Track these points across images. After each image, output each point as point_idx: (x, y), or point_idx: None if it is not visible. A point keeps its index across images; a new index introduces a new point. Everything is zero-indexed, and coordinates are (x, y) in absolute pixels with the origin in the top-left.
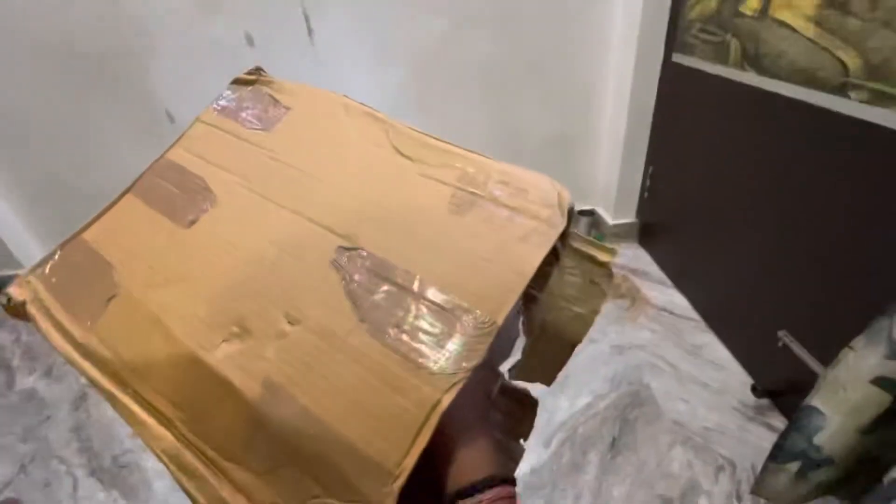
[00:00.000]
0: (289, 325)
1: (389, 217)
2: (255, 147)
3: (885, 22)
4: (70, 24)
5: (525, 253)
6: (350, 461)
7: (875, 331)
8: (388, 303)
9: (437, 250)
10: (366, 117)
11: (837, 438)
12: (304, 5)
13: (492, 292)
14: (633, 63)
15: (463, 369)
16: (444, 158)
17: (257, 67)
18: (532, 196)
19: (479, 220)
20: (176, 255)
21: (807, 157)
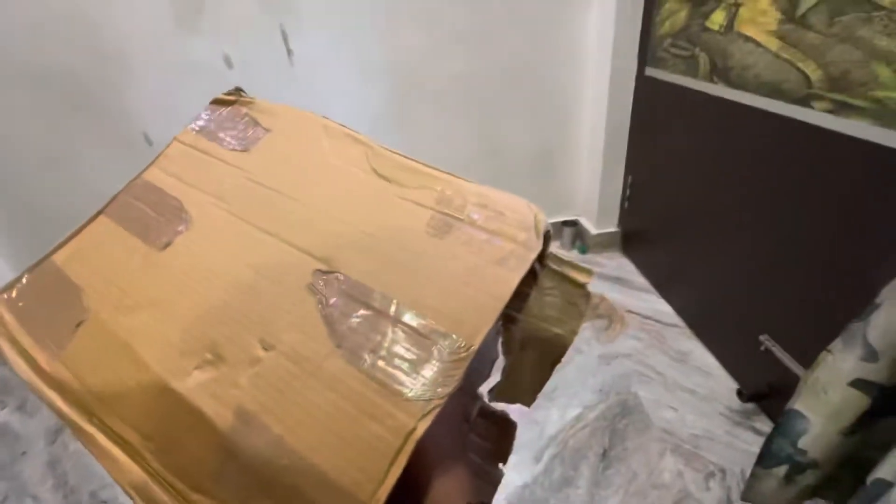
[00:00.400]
0: (263, 350)
1: (367, 240)
2: (232, 168)
3: (842, 37)
4: (45, 47)
5: (502, 276)
6: (323, 492)
7: (851, 334)
8: (365, 327)
9: (415, 274)
10: (346, 139)
11: (821, 441)
12: (282, 26)
13: (468, 316)
14: (609, 77)
15: (438, 395)
16: (423, 180)
17: (237, 88)
18: (509, 219)
19: (457, 244)
20: (149, 278)
21: (776, 166)
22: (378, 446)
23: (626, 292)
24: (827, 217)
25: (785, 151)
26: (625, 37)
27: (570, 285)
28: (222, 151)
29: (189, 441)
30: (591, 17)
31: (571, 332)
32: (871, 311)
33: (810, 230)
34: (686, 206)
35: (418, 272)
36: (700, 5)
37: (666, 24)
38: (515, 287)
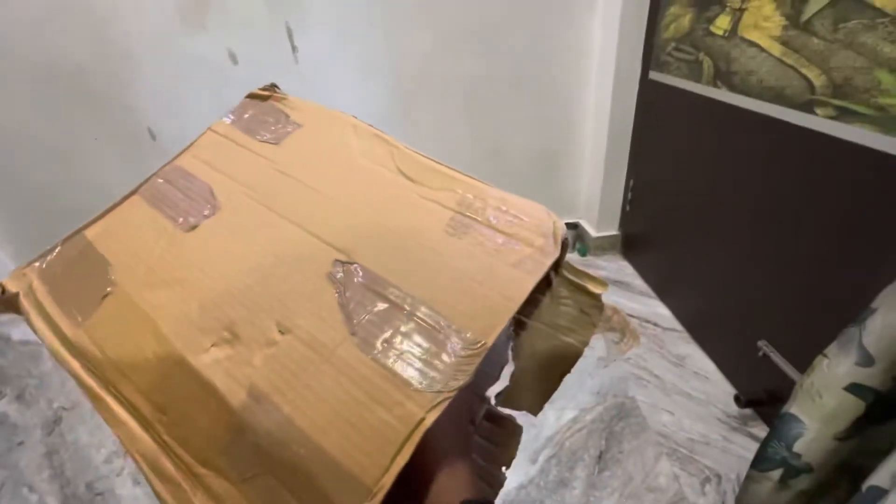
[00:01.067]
0: (279, 333)
1: (387, 235)
2: (263, 159)
3: (846, 44)
4: (54, 42)
5: (517, 278)
6: (328, 474)
7: (847, 338)
8: (380, 318)
9: (431, 270)
10: (373, 138)
11: (815, 445)
12: (287, 23)
13: (482, 314)
14: (612, 80)
15: (449, 388)
16: (446, 182)
17: (272, 84)
18: (527, 224)
19: (474, 244)
20: (174, 257)
21: (777, 171)
22: (386, 433)
23: (625, 295)
24: (827, 223)
25: (787, 157)
26: (629, 40)
27: (585, 295)
28: (254, 143)
29: (200, 416)
30: (596, 20)
31: (582, 343)
32: (867, 316)
33: (811, 236)
34: (687, 211)
35: (434, 269)
36: (704, 10)
37: (670, 28)
38: (530, 290)
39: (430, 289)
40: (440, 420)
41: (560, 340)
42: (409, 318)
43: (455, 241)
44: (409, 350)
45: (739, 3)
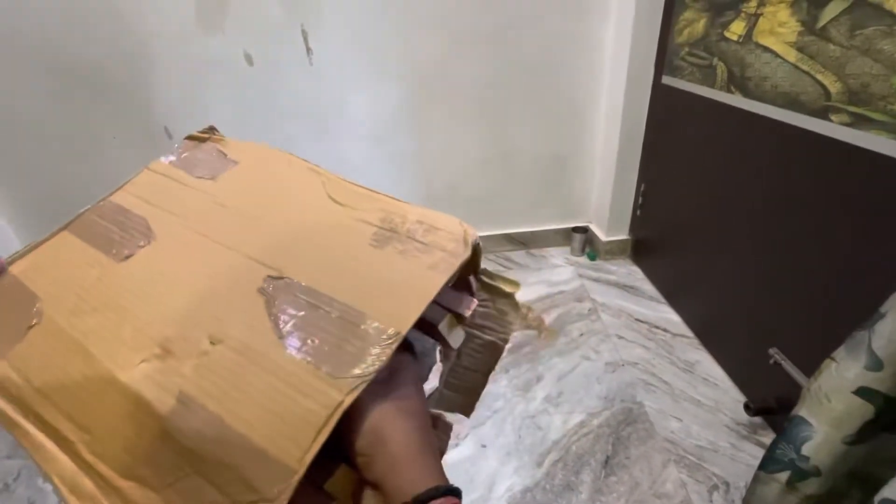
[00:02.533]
0: (210, 344)
1: (316, 251)
2: (199, 192)
3: (862, 50)
4: (73, 42)
5: (430, 277)
6: (252, 462)
7: (856, 342)
8: (305, 321)
9: (355, 277)
10: (307, 171)
11: (824, 449)
12: (302, 25)
13: (399, 309)
14: (625, 84)
15: (366, 373)
16: (371, 204)
17: (211, 127)
18: (442, 234)
19: (395, 253)
20: (107, 286)
21: (790, 177)
22: (309, 418)
23: (634, 300)
24: (841, 230)
25: (801, 163)
26: (642, 44)
27: (500, 296)
28: (190, 179)
29: (126, 427)
30: (609, 24)
31: (503, 340)
32: (877, 320)
33: (824, 243)
34: (698, 216)
35: (358, 276)
36: (719, 15)
37: (684, 32)
38: (441, 285)
39: (353, 293)
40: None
41: (483, 339)
42: (333, 318)
43: (377, 251)
44: (333, 345)
45: (755, 9)
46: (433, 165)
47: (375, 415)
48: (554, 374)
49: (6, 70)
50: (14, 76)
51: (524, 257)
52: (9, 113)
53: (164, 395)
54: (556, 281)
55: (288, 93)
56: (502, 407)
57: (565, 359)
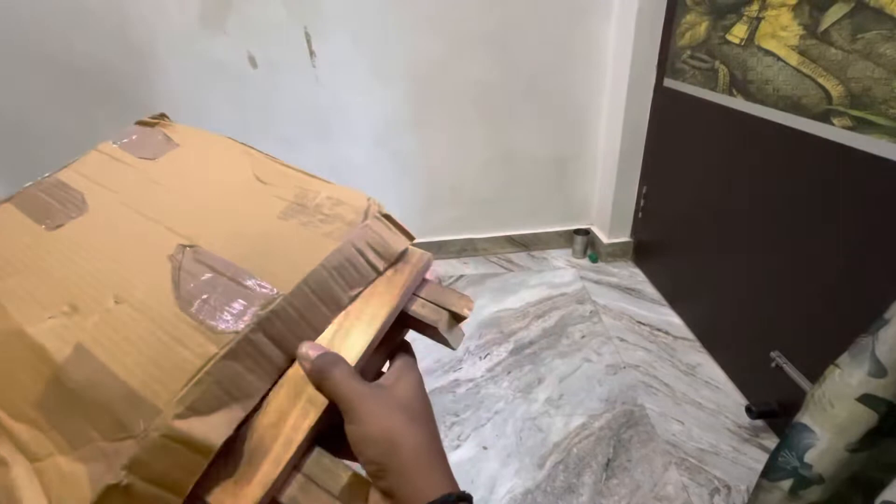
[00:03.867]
0: (114, 303)
1: (230, 224)
2: (137, 170)
3: (864, 54)
4: (78, 42)
5: (323, 244)
6: (126, 404)
7: (859, 349)
8: (204, 284)
9: (256, 245)
10: (240, 153)
11: (827, 456)
12: (305, 27)
13: (285, 272)
14: (626, 87)
15: (247, 328)
16: (290, 181)
17: (162, 114)
18: (346, 207)
19: (298, 224)
20: (34, 251)
21: (792, 181)
22: (184, 366)
23: (636, 303)
24: (843, 234)
25: (802, 167)
26: (644, 47)
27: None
28: (133, 159)
29: (24, 374)
30: (611, 26)
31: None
32: (881, 327)
33: (826, 246)
34: (700, 218)
35: (259, 244)
36: (721, 18)
37: (686, 35)
38: (331, 250)
39: (250, 259)
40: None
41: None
42: (227, 281)
43: (282, 223)
44: (220, 305)
45: (756, 12)
46: (435, 168)
47: (386, 422)
48: (555, 376)
49: (9, 70)
50: (17, 76)
51: (526, 259)
52: (12, 112)
53: (62, 345)
54: (558, 283)
55: (290, 95)
56: (503, 409)
57: (566, 361)
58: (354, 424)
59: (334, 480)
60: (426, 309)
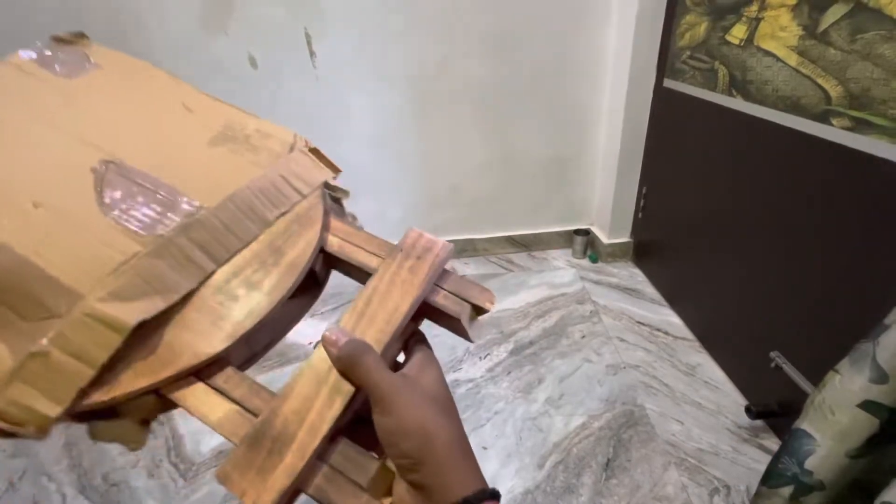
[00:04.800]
0: (33, 207)
1: (155, 144)
2: (52, 87)
3: (863, 55)
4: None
5: (250, 169)
6: (49, 291)
7: (860, 354)
8: (125, 194)
9: (184, 165)
10: (167, 80)
11: (828, 463)
12: (306, 28)
13: (211, 189)
14: (626, 87)
15: (171, 232)
16: (219, 112)
17: (81, 32)
18: (274, 140)
19: (227, 151)
20: None
21: (792, 181)
22: (106, 261)
23: (636, 303)
24: (843, 234)
25: (802, 167)
26: (643, 48)
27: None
28: (48, 75)
29: None
30: (611, 27)
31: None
32: (881, 332)
33: (825, 247)
34: (700, 219)
35: (187, 164)
36: (720, 19)
37: (685, 36)
38: (254, 174)
39: (179, 177)
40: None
41: None
42: (150, 192)
43: (211, 149)
44: (144, 212)
45: (756, 13)
46: (435, 168)
47: (420, 414)
48: (555, 376)
49: None
50: None
51: (526, 259)
52: None
53: None
54: (558, 283)
55: (291, 95)
56: (503, 409)
57: (566, 361)
58: (387, 416)
59: (362, 471)
60: (448, 300)
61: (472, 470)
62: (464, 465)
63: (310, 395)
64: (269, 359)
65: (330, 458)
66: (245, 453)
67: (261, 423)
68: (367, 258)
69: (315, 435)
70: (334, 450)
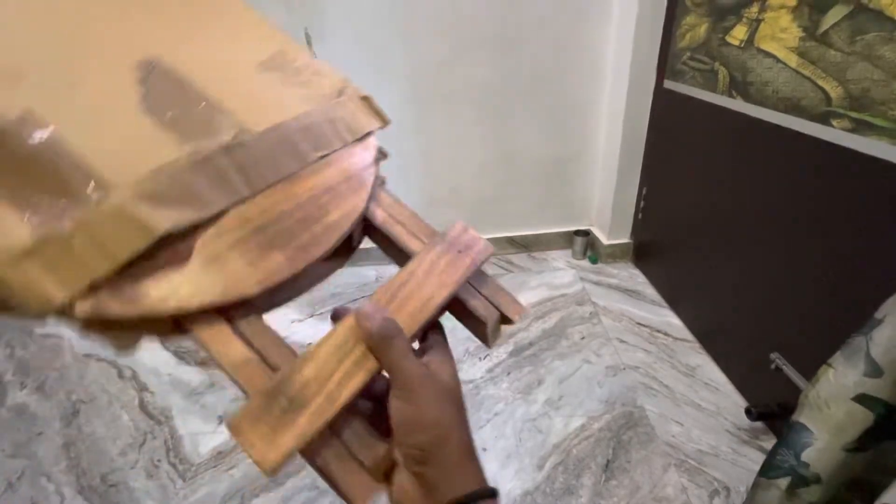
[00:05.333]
0: (72, 88)
1: (205, 55)
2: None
3: (863, 56)
4: None
5: (298, 104)
6: (80, 174)
7: (853, 349)
8: (170, 99)
9: (233, 82)
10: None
11: (824, 456)
12: (306, 29)
13: (258, 118)
14: (627, 88)
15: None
16: (276, 39)
17: None
18: (325, 79)
19: (276, 79)
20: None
21: (792, 182)
22: (145, 160)
23: (636, 304)
24: (843, 236)
25: (802, 168)
26: (644, 49)
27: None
28: None
29: None
30: (611, 28)
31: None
32: (874, 327)
33: (826, 248)
34: (700, 220)
35: (236, 83)
36: (721, 20)
37: (686, 37)
38: (301, 110)
39: (224, 92)
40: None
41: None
42: (194, 102)
43: (261, 74)
44: (186, 121)
45: (756, 14)
46: (436, 168)
47: (439, 410)
48: (555, 377)
49: None
50: None
51: (526, 260)
52: None
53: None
54: (558, 284)
55: None
56: (503, 410)
57: (566, 362)
58: (407, 404)
59: (369, 451)
60: (478, 302)
61: (477, 471)
62: (470, 467)
63: (332, 363)
64: None
65: (342, 434)
66: (259, 406)
67: (279, 379)
68: (407, 239)
69: (332, 404)
70: (346, 424)
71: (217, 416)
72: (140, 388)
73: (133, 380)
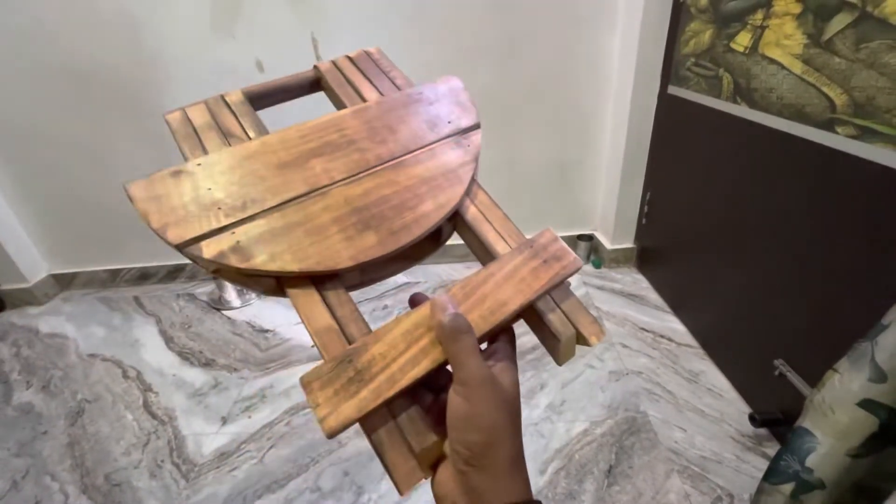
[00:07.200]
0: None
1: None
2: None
3: (868, 63)
4: (92, 49)
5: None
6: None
7: (858, 354)
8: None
9: None
10: None
11: (828, 461)
12: (312, 33)
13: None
14: (631, 94)
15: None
16: None
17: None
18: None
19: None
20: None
21: (796, 188)
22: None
23: (639, 309)
24: (847, 242)
25: (806, 175)
26: (648, 54)
27: None
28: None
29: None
30: (616, 34)
31: None
32: (879, 332)
33: (830, 255)
34: (704, 225)
35: None
36: (725, 26)
37: (690, 43)
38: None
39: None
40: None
41: None
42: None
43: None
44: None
45: (761, 21)
46: None
47: (496, 415)
48: (557, 381)
49: (23, 76)
50: (31, 82)
51: None
52: (27, 118)
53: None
54: None
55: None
56: None
57: (569, 367)
58: (465, 401)
59: (420, 438)
60: (555, 316)
61: (523, 482)
62: (517, 477)
63: (401, 346)
64: (272, 360)
65: (397, 414)
66: (330, 371)
67: (352, 350)
68: (494, 239)
69: (392, 385)
70: (403, 408)
71: (220, 416)
72: (144, 389)
73: (138, 380)
